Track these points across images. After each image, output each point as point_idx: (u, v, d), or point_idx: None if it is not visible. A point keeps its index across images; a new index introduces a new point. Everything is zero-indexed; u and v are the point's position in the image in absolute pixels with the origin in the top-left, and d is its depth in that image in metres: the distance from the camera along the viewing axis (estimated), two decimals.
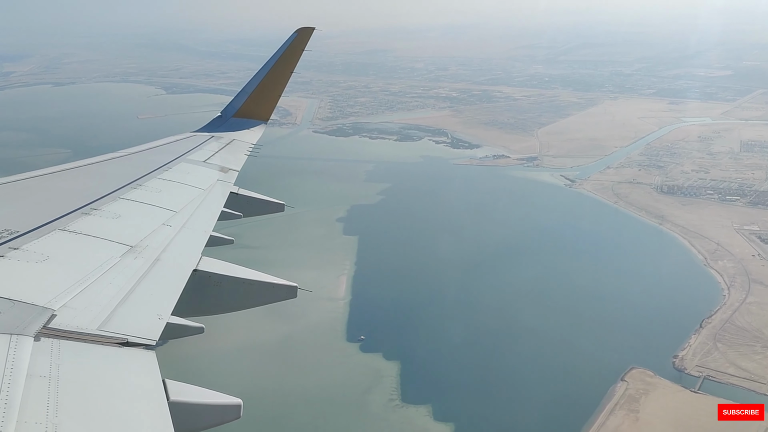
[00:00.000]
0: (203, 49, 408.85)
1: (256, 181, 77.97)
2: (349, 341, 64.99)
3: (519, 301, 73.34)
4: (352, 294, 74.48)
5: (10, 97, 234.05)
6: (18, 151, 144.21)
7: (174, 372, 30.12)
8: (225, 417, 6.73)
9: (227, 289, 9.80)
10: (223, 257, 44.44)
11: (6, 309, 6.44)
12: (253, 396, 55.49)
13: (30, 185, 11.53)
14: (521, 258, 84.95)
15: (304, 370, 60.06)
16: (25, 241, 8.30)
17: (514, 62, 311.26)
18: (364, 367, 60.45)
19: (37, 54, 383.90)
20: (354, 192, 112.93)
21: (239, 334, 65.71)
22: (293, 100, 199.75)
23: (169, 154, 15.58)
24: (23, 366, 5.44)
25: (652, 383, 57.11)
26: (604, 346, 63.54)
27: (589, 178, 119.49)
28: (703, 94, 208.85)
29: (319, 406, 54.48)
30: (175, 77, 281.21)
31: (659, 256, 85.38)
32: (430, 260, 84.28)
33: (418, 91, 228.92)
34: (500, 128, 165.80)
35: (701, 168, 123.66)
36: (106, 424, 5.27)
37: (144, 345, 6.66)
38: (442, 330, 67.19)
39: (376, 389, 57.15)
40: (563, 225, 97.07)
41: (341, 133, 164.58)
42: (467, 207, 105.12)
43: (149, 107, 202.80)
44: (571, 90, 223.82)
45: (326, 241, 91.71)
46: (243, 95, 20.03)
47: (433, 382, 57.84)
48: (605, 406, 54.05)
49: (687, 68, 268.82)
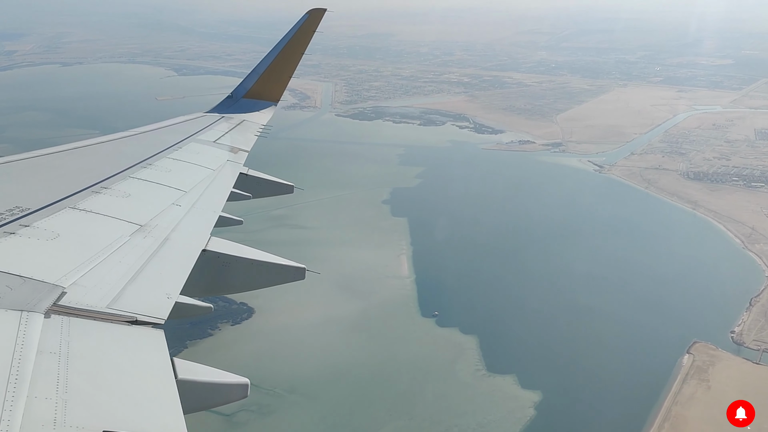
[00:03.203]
0: (201, 30, 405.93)
1: (292, 164, 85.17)
2: (424, 316, 68.61)
3: (574, 281, 77.31)
4: (415, 273, 77.95)
5: (20, 76, 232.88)
6: (45, 131, 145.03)
7: (262, 345, 36.94)
8: (232, 396, 6.90)
9: (236, 269, 9.86)
10: (280, 236, 52.35)
11: (17, 286, 6.46)
12: (349, 365, 59.50)
13: (41, 163, 11.53)
14: (567, 240, 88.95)
15: (389, 342, 63.65)
16: (35, 218, 8.33)
17: (518, 48, 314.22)
18: (445, 340, 64.22)
19: (33, 32, 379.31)
20: (391, 175, 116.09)
21: (317, 310, 69.40)
22: (308, 84, 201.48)
23: (180, 134, 15.54)
24: (34, 342, 5.48)
25: (716, 356, 61.51)
26: (664, 323, 67.77)
27: (616, 164, 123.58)
28: (710, 83, 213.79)
29: (412, 375, 58.19)
30: (182, 59, 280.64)
31: (699, 239, 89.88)
32: (483, 242, 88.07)
33: (429, 76, 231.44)
34: (519, 114, 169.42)
35: (722, 155, 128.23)
36: (115, 400, 5.34)
37: (153, 324, 6.71)
38: (509, 306, 71.18)
39: (460, 360, 60.97)
40: (602, 209, 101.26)
41: (363, 117, 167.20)
42: (507, 191, 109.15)
43: (165, 89, 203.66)
44: (580, 77, 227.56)
45: (377, 222, 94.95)
46: (253, 76, 19.91)
47: (513, 354, 61.82)
48: (677, 376, 58.31)
49: (689, 57, 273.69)
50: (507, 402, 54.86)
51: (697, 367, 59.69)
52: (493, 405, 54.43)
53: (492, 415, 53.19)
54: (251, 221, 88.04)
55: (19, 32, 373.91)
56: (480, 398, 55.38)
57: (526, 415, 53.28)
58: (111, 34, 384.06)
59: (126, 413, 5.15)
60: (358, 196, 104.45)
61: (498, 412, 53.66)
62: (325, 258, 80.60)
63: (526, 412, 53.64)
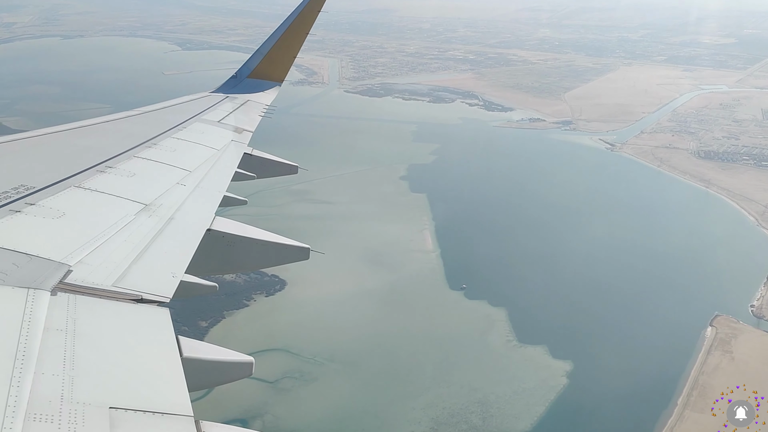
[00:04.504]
0: (200, 3, 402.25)
1: (308, 140, 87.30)
2: (452, 289, 70.45)
3: (594, 256, 79.29)
4: (440, 247, 79.65)
5: (22, 49, 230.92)
6: (58, 105, 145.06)
7: (297, 316, 39.36)
8: (237, 374, 6.94)
9: (240, 249, 9.96)
10: (303, 210, 54.47)
11: (23, 263, 6.47)
12: (384, 335, 61.37)
13: (46, 141, 11.53)
14: (585, 217, 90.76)
15: (421, 314, 65.50)
16: (41, 197, 8.34)
17: (519, 25, 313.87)
18: (475, 312, 66.11)
19: (29, 3, 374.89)
20: (407, 152, 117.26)
21: (347, 282, 71.18)
22: (313, 59, 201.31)
23: (184, 113, 15.53)
24: (40, 319, 5.50)
25: (738, 328, 63.73)
26: (684, 298, 69.92)
27: (627, 143, 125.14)
28: (714, 62, 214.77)
29: (446, 345, 60.08)
30: (184, 33, 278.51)
31: (714, 216, 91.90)
32: (503, 219, 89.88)
33: (434, 53, 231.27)
34: (527, 92, 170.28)
35: (731, 135, 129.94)
36: (122, 378, 5.38)
37: (158, 302, 6.75)
38: (533, 280, 72.96)
39: (491, 331, 62.95)
40: (617, 187, 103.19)
41: (372, 93, 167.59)
42: (523, 168, 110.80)
43: (171, 63, 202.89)
44: (584, 55, 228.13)
45: (397, 197, 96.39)
46: (258, 56, 19.78)
47: (542, 326, 63.81)
48: (701, 348, 60.50)
49: (691, 35, 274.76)
50: (540, 371, 56.92)
51: (720, 339, 61.87)
52: (526, 374, 56.48)
53: (526, 383, 55.24)
54: (273, 196, 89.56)
55: (15, 3, 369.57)
56: (513, 367, 57.43)
57: (560, 383, 55.37)
58: (110, 6, 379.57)
59: (132, 390, 5.19)
60: (376, 172, 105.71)
61: (532, 380, 55.71)
62: (350, 232, 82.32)
63: (559, 381, 55.73)
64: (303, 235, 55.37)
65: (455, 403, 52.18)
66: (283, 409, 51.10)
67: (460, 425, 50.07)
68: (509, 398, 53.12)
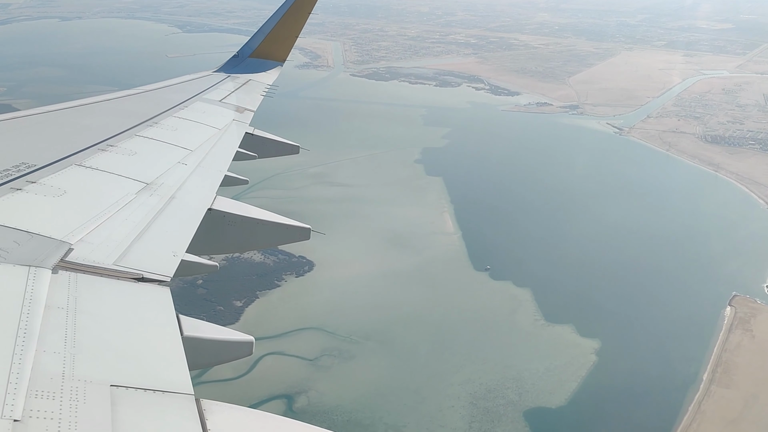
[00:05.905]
0: None
1: (320, 124, 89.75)
2: (477, 270, 72.10)
3: (611, 238, 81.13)
4: (461, 229, 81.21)
5: (21, 30, 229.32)
6: (64, 87, 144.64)
7: (329, 295, 42.45)
8: (237, 353, 6.95)
9: (241, 228, 9.94)
10: (323, 193, 57.02)
11: (24, 241, 6.46)
12: (415, 315, 62.97)
13: (47, 120, 11.45)
14: (599, 200, 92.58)
15: (449, 294, 67.08)
16: (42, 175, 8.32)
17: (518, 8, 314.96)
18: (501, 293, 67.83)
19: None
20: (419, 135, 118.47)
21: (374, 263, 72.70)
22: (316, 43, 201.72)
23: (185, 92, 15.50)
24: (41, 297, 5.50)
25: (757, 308, 65.85)
26: (702, 278, 71.95)
27: (635, 127, 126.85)
28: (713, 47, 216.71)
29: (476, 325, 61.78)
30: (182, 15, 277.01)
31: (724, 200, 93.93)
32: (520, 201, 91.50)
33: (436, 37, 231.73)
34: (531, 76, 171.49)
35: (735, 119, 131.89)
36: (123, 356, 5.38)
37: (159, 281, 6.75)
38: (555, 261, 74.69)
39: (519, 311, 64.70)
40: (628, 170, 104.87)
41: (378, 77, 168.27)
42: (535, 152, 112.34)
43: (173, 46, 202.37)
44: (585, 39, 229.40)
45: (413, 180, 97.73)
46: (260, 35, 19.67)
47: (567, 305, 65.63)
48: (722, 327, 62.56)
49: (688, 20, 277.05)
50: (569, 349, 58.78)
51: (740, 318, 63.96)
52: (557, 352, 58.30)
53: (557, 360, 57.09)
54: (291, 179, 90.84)
55: None
56: (543, 346, 59.24)
57: (589, 361, 57.26)
58: None
59: (133, 369, 5.20)
60: (391, 156, 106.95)
61: (563, 357, 57.55)
62: (371, 215, 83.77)
63: (588, 358, 57.62)
64: (326, 218, 59.14)
65: (491, 379, 53.95)
66: (326, 385, 52.67)
67: (498, 400, 51.85)
68: (542, 375, 54.95)
